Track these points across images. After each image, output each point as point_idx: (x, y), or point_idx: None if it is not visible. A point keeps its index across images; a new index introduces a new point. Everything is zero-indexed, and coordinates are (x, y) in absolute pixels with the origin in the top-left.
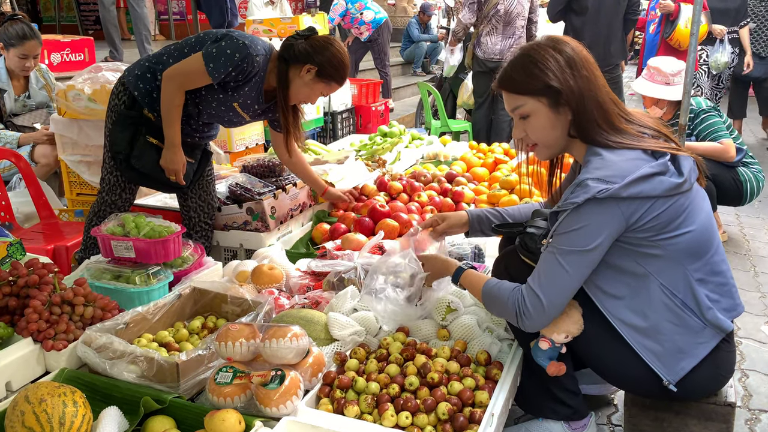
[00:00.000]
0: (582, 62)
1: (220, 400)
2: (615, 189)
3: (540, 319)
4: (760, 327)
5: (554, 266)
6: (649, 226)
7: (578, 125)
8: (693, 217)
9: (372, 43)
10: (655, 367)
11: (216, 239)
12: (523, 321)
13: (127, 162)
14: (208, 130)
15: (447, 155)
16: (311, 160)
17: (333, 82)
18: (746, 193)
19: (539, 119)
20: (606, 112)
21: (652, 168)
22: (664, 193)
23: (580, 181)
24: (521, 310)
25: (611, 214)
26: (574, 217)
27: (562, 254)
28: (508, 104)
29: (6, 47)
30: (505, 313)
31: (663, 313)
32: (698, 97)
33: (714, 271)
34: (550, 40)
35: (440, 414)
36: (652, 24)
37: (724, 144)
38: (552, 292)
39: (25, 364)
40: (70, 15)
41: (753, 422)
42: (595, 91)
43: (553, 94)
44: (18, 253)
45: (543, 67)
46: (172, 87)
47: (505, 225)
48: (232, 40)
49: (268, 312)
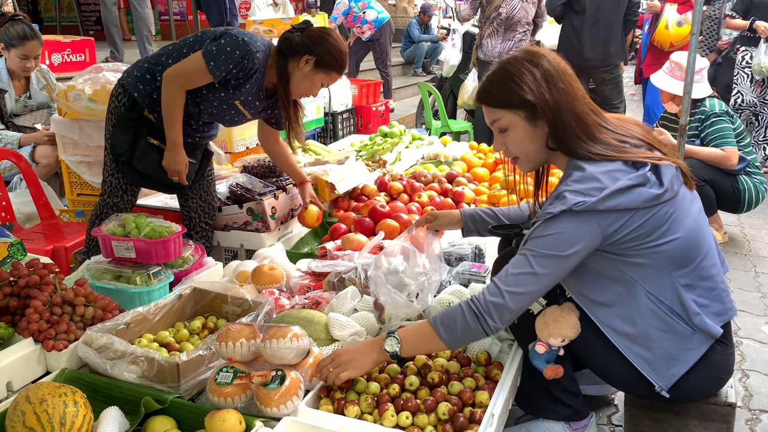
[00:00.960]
0: (559, 74)
1: (221, 400)
2: (592, 202)
3: (500, 317)
4: (760, 327)
5: (523, 264)
6: (631, 237)
7: (556, 137)
8: (678, 225)
9: (374, 43)
10: (646, 373)
11: (216, 239)
12: (486, 323)
13: (129, 164)
14: (208, 130)
15: (447, 155)
16: (312, 161)
17: (332, 71)
18: (744, 202)
19: (517, 132)
20: (584, 123)
21: (631, 180)
22: (643, 205)
23: (558, 193)
24: (480, 312)
25: (588, 227)
26: (549, 224)
27: (534, 256)
28: (487, 117)
29: (7, 48)
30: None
31: (651, 320)
32: (714, 99)
33: (702, 276)
34: (527, 53)
35: (440, 414)
36: (647, 24)
37: (726, 151)
38: (517, 290)
39: (26, 365)
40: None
41: (753, 422)
42: (572, 103)
43: (530, 108)
44: (19, 254)
45: (519, 81)
46: (173, 88)
47: (502, 226)
48: (231, 37)
49: (268, 312)
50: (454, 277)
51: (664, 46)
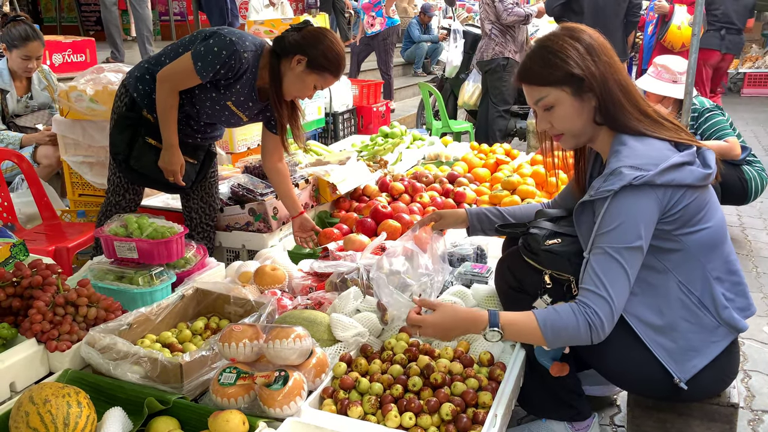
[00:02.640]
0: (601, 48)
1: (224, 400)
2: (650, 176)
3: (610, 325)
4: (762, 327)
5: (611, 265)
6: (676, 218)
7: (605, 110)
8: (712, 213)
9: (380, 42)
10: (668, 364)
11: (218, 240)
12: (597, 335)
13: (126, 163)
14: (210, 131)
15: (448, 156)
16: (313, 161)
17: (326, 73)
18: (751, 192)
19: (564, 109)
20: (631, 95)
21: (683, 157)
22: (695, 182)
23: (612, 170)
24: (594, 325)
25: (648, 201)
26: (612, 210)
27: (616, 251)
28: (530, 97)
29: (9, 48)
30: (575, 338)
31: (679, 311)
32: (701, 97)
33: (730, 270)
34: (566, 30)
35: (444, 415)
36: (650, 25)
37: (729, 142)
38: (617, 292)
39: (29, 365)
40: (71, 16)
41: (756, 423)
42: (617, 75)
43: (576, 82)
44: (21, 254)
45: (564, 56)
46: (165, 88)
47: (508, 225)
48: (220, 37)
49: (271, 313)
50: (456, 278)
51: (675, 47)
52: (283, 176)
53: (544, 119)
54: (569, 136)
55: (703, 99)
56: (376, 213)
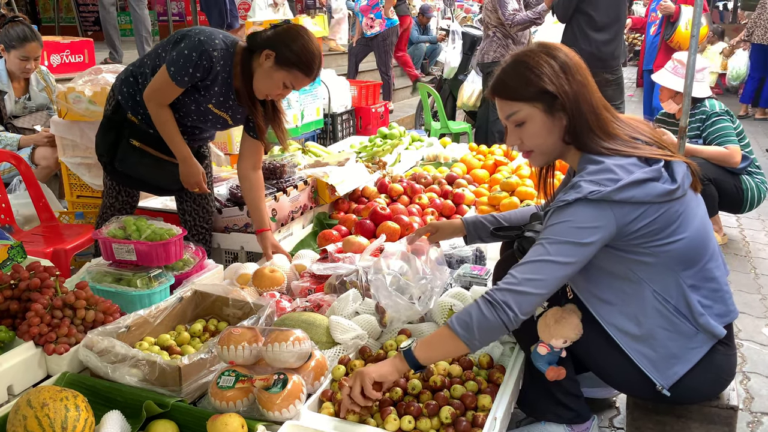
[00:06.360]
0: (575, 67)
1: (223, 403)
2: (607, 191)
3: (520, 303)
4: (761, 329)
5: (539, 252)
6: (643, 233)
7: (573, 131)
8: (687, 224)
9: (380, 42)
10: (649, 372)
11: (217, 242)
12: (503, 310)
13: (111, 165)
14: (199, 133)
15: (447, 157)
16: (312, 162)
17: (295, 69)
18: (746, 202)
19: (535, 125)
20: (600, 118)
21: (645, 174)
22: (656, 199)
23: (573, 183)
24: (495, 298)
25: (603, 215)
26: (563, 211)
27: (550, 243)
28: (501, 112)
29: (7, 49)
30: (481, 319)
31: (656, 320)
32: (713, 100)
33: (707, 277)
34: (542, 46)
35: (443, 418)
36: (653, 26)
37: (729, 149)
38: (532, 275)
39: (27, 368)
40: (69, 16)
41: (755, 425)
42: (589, 96)
43: (549, 99)
44: (19, 256)
45: (538, 73)
46: (153, 107)
47: (503, 228)
48: (189, 39)
49: (269, 315)
50: (455, 280)
51: (682, 47)
52: (253, 185)
53: (514, 135)
54: (538, 153)
55: (715, 102)
56: (375, 215)
